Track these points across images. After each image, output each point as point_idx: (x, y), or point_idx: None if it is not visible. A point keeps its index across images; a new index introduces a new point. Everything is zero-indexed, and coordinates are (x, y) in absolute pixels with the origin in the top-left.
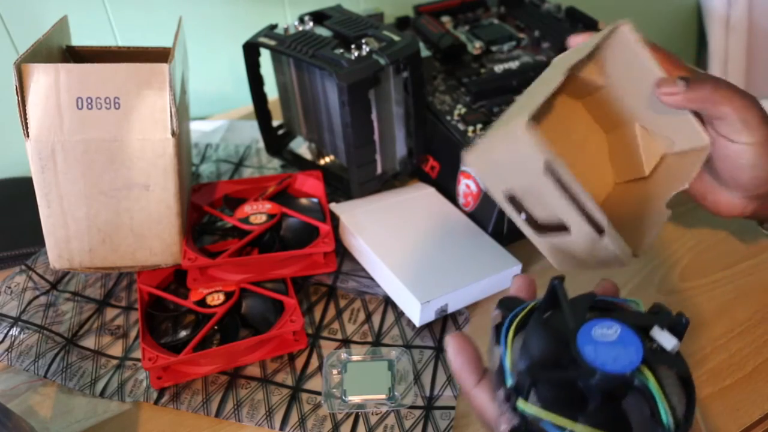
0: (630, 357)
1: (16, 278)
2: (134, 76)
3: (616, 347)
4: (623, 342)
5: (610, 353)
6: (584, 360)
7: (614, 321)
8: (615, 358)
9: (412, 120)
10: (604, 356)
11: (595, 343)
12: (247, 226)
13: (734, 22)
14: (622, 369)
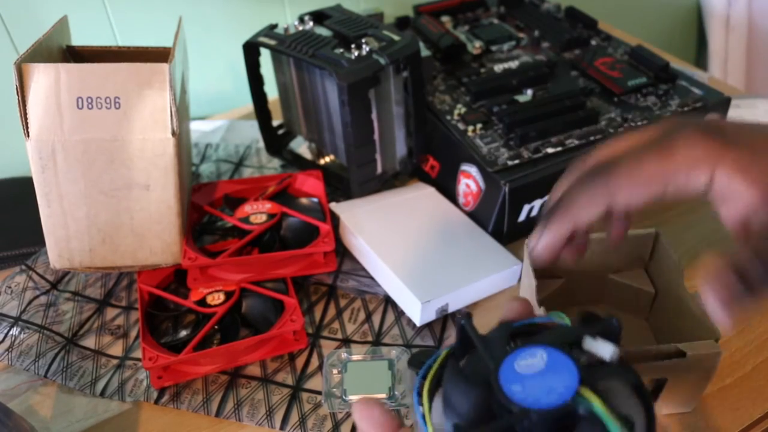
0: (564, 383)
1: (16, 278)
2: (134, 75)
3: (546, 377)
4: (553, 368)
5: (541, 386)
6: (514, 402)
7: (537, 346)
8: (548, 390)
9: (412, 120)
10: (535, 391)
11: (521, 379)
12: (247, 225)
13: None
14: (558, 400)
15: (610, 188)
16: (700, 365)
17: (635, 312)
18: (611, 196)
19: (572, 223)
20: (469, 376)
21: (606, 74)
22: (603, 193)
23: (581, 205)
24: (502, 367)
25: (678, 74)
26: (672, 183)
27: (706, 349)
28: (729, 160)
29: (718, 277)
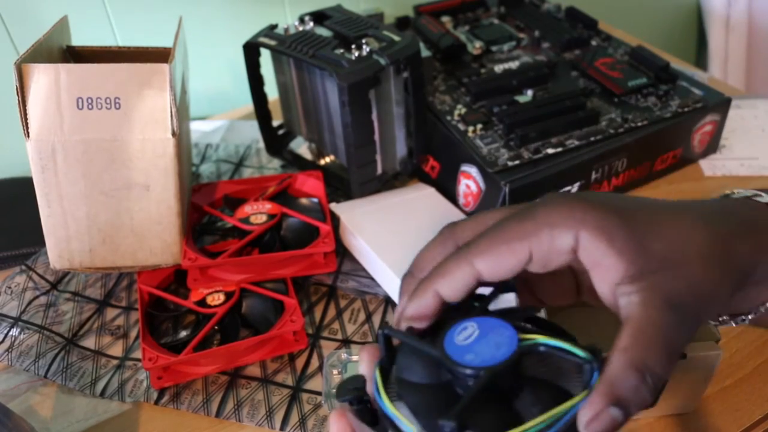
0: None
1: (16, 278)
2: (134, 76)
3: (487, 339)
4: (488, 330)
5: (489, 347)
6: (477, 367)
7: (462, 321)
8: (496, 346)
9: (412, 120)
10: (486, 352)
11: (469, 349)
12: (248, 226)
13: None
14: (511, 348)
15: (469, 256)
16: (700, 366)
17: None
18: (471, 264)
19: (436, 294)
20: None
21: (606, 75)
22: (464, 261)
23: (445, 274)
24: (445, 347)
25: (678, 74)
26: (535, 244)
27: (706, 350)
28: (592, 221)
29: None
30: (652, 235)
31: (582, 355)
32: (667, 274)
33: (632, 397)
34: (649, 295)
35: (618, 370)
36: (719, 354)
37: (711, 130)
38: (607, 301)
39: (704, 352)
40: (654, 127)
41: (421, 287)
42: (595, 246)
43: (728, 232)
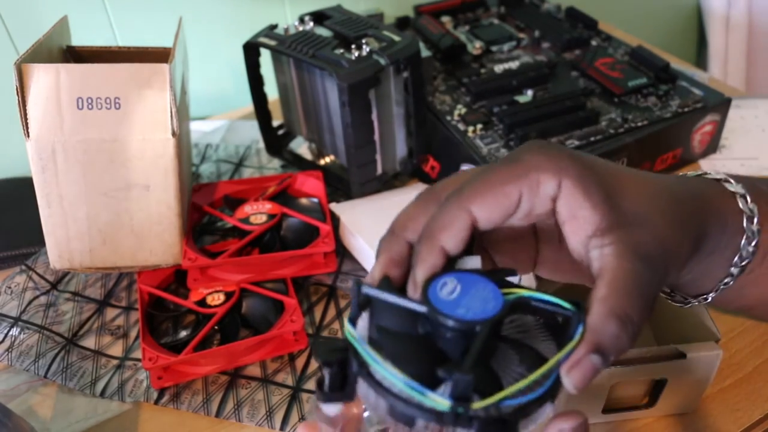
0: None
1: (16, 278)
2: (134, 76)
3: (472, 293)
4: (470, 285)
5: (476, 301)
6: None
7: (440, 276)
8: (484, 300)
9: (412, 120)
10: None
11: (457, 303)
12: (248, 226)
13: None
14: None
15: (463, 202)
16: (700, 366)
17: None
18: (468, 211)
19: (442, 249)
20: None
21: (606, 75)
22: (460, 208)
23: (444, 227)
24: (432, 302)
25: (678, 75)
26: (525, 186)
27: (706, 350)
28: (573, 171)
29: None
30: (621, 193)
31: (568, 306)
32: (635, 228)
33: (613, 344)
34: (621, 248)
35: (599, 318)
36: (719, 354)
37: (711, 130)
38: (577, 254)
39: (704, 352)
40: (654, 127)
41: (425, 247)
42: (573, 196)
43: (683, 198)
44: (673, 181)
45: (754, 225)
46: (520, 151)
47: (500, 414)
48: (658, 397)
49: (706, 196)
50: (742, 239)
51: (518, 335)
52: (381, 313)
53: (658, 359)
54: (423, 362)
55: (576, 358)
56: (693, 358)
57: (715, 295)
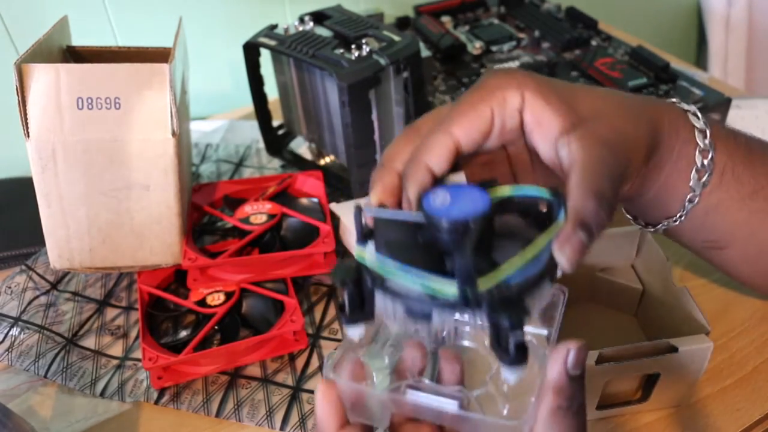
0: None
1: (16, 278)
2: (134, 76)
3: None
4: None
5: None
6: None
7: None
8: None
9: (412, 120)
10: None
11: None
12: (248, 226)
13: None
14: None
15: (445, 126)
16: (692, 360)
17: (624, 309)
18: (450, 134)
19: (428, 168)
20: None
21: (606, 75)
22: (442, 132)
23: (430, 148)
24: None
25: (678, 75)
26: (495, 104)
27: (698, 343)
28: (531, 84)
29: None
30: (576, 99)
31: (547, 195)
32: (595, 122)
33: (594, 218)
34: (585, 141)
35: (579, 198)
36: (710, 346)
37: None
38: (549, 158)
39: (695, 345)
40: None
41: (413, 167)
42: (536, 104)
43: (635, 102)
44: (628, 95)
45: (707, 139)
46: (484, 78)
47: (506, 292)
48: (651, 392)
49: (659, 107)
50: (695, 150)
51: (510, 232)
52: (383, 231)
53: (650, 354)
54: (429, 264)
55: (565, 234)
56: (685, 352)
57: (684, 216)
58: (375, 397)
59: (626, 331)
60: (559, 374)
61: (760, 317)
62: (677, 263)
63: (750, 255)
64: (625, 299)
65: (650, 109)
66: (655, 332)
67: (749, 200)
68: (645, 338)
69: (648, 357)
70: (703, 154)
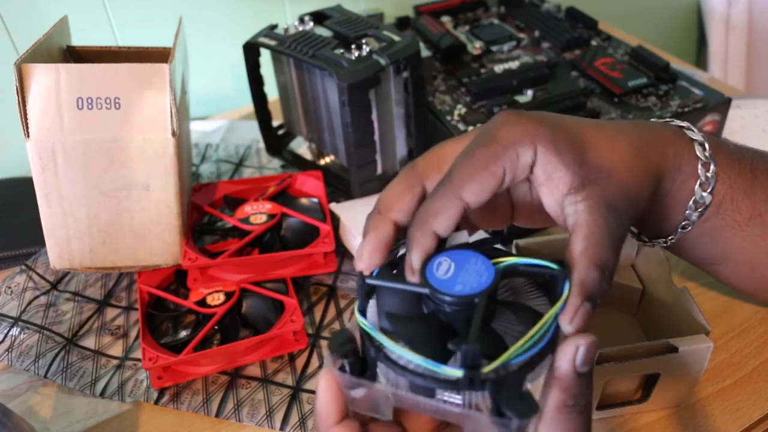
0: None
1: (16, 278)
2: (134, 76)
3: (465, 269)
4: (462, 262)
5: (471, 276)
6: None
7: (434, 257)
8: (478, 274)
9: (412, 120)
10: (472, 281)
11: (454, 281)
12: (248, 226)
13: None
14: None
15: (455, 189)
16: (692, 360)
17: (623, 309)
18: (459, 198)
19: (435, 234)
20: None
21: (606, 75)
22: (452, 195)
23: (438, 213)
24: (431, 283)
25: (678, 75)
26: (507, 162)
27: (698, 343)
28: (545, 136)
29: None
30: (589, 148)
31: (555, 267)
32: (602, 182)
33: (597, 289)
34: (592, 203)
35: (584, 269)
36: (710, 346)
37: (711, 130)
38: (553, 212)
39: (695, 345)
40: None
41: (419, 231)
42: (548, 159)
43: (642, 142)
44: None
45: (709, 172)
46: (495, 128)
47: (508, 372)
48: (651, 392)
49: (666, 140)
50: (696, 183)
51: (512, 297)
52: (386, 299)
53: (650, 354)
54: (433, 339)
55: (573, 308)
56: (685, 352)
57: (674, 239)
58: (377, 391)
59: (626, 331)
60: (566, 371)
61: (760, 317)
62: (677, 263)
63: (742, 271)
64: (625, 299)
65: (657, 145)
66: (655, 332)
67: (745, 226)
68: (645, 338)
69: (648, 357)
70: (704, 187)
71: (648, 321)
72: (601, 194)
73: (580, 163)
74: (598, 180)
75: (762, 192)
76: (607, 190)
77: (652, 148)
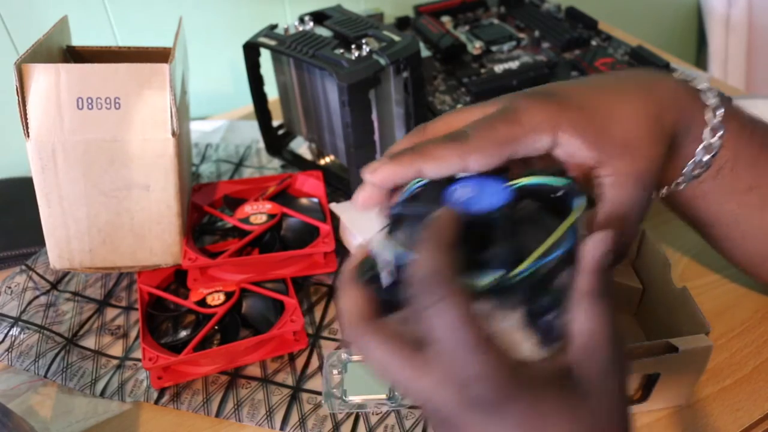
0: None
1: (16, 278)
2: (134, 76)
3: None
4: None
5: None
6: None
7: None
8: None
9: (412, 120)
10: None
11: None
12: (248, 226)
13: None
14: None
15: (465, 148)
16: (692, 359)
17: (623, 308)
18: (464, 161)
19: (418, 168)
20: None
21: None
22: (457, 155)
23: (433, 155)
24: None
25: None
26: (522, 146)
27: (698, 342)
28: (567, 122)
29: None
30: (611, 124)
31: (562, 183)
32: (628, 157)
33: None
34: (617, 178)
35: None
36: (710, 346)
37: None
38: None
39: (695, 344)
40: None
41: (405, 158)
42: (570, 143)
43: (659, 108)
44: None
45: (715, 138)
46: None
47: (535, 277)
48: (651, 392)
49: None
50: (699, 146)
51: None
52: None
53: (650, 354)
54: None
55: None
56: (685, 352)
57: (665, 194)
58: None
59: (627, 331)
60: (594, 258)
61: (760, 317)
62: (677, 263)
63: (734, 239)
64: (625, 299)
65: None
66: (655, 332)
67: (743, 195)
68: (645, 338)
69: (648, 357)
70: (707, 151)
71: (648, 321)
72: (627, 169)
73: (603, 141)
74: (624, 155)
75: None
76: (633, 165)
77: (668, 113)
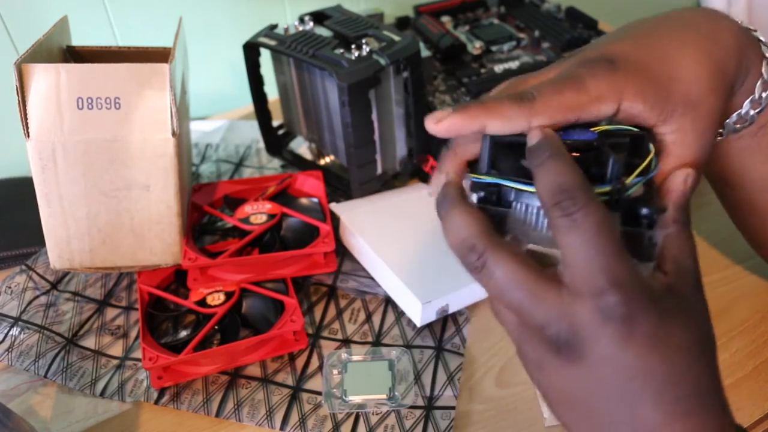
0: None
1: (16, 278)
2: (135, 76)
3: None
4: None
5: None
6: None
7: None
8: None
9: (412, 120)
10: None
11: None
12: (248, 226)
13: None
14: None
15: (531, 113)
16: None
17: None
18: (529, 120)
19: (482, 122)
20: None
21: None
22: (524, 115)
23: (500, 113)
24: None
25: None
26: (586, 111)
27: None
28: (631, 90)
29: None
30: (673, 83)
31: (637, 130)
32: (689, 115)
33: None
34: (679, 135)
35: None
36: None
37: None
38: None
39: None
40: None
41: (471, 111)
42: (633, 107)
43: (722, 57)
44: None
45: (766, 94)
46: (587, 75)
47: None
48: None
49: (742, 53)
50: (748, 99)
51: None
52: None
53: None
54: None
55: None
56: None
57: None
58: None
59: None
60: (683, 192)
61: (760, 317)
62: None
63: (755, 203)
64: None
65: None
66: None
67: None
68: None
69: None
70: (754, 105)
71: None
72: (689, 126)
73: (665, 101)
74: (684, 113)
75: None
76: (695, 122)
77: (731, 62)
